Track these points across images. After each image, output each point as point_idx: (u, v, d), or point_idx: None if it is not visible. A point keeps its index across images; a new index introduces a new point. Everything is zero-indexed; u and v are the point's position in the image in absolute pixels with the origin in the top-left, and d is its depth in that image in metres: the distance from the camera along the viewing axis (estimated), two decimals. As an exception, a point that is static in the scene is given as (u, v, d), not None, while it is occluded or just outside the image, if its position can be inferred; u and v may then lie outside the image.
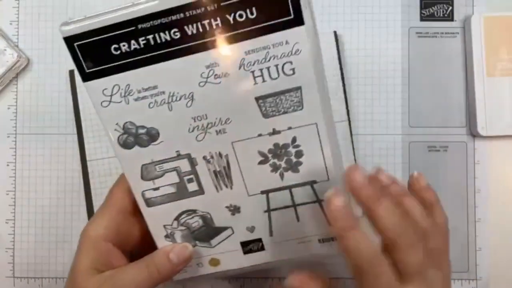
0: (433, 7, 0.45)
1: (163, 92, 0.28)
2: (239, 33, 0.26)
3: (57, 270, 0.44)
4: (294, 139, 0.30)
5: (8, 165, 0.45)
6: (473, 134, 0.44)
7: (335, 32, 0.44)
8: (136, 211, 0.32)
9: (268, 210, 0.32)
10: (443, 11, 0.44)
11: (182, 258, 0.31)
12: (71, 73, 0.44)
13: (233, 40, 0.26)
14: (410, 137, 0.44)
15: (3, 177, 0.45)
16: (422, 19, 0.45)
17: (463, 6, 0.44)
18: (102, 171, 0.44)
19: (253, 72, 0.27)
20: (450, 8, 0.44)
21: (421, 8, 0.45)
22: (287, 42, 0.27)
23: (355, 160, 0.43)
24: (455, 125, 0.44)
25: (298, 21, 0.26)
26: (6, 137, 0.45)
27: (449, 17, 0.44)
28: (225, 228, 0.33)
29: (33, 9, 0.45)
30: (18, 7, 0.45)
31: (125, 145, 0.30)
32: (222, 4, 0.25)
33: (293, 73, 0.27)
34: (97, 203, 0.44)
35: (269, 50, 0.27)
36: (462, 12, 0.44)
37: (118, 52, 0.27)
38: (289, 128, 0.29)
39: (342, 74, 0.43)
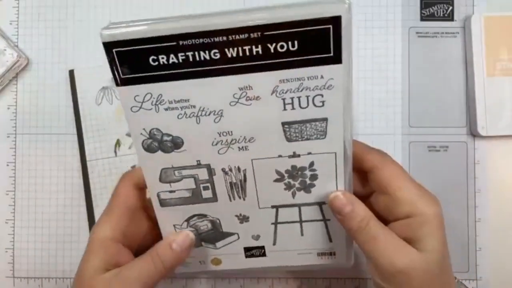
0: (433, 7, 0.45)
1: (194, 106, 0.29)
2: (278, 62, 0.27)
3: (57, 270, 0.44)
4: (311, 163, 0.31)
5: (8, 165, 0.45)
6: (473, 134, 0.44)
7: (335, 32, 0.43)
8: (142, 209, 0.33)
9: (276, 223, 0.33)
10: (443, 11, 0.44)
11: (185, 247, 0.32)
12: (71, 73, 0.44)
13: (271, 68, 0.27)
14: (410, 137, 0.44)
15: (3, 177, 0.45)
16: (422, 19, 0.45)
17: (463, 6, 0.44)
18: (102, 171, 0.44)
19: (284, 99, 0.28)
20: (450, 8, 0.44)
21: (421, 8, 0.45)
22: (322, 77, 0.27)
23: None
24: (455, 125, 0.44)
25: (336, 59, 0.27)
26: (6, 137, 0.45)
27: (449, 17, 0.44)
28: (231, 234, 0.34)
29: (33, 9, 0.45)
30: (18, 7, 0.45)
31: (149, 149, 0.30)
32: (265, 33, 0.26)
33: (323, 105, 0.28)
34: (97, 203, 0.44)
35: (303, 82, 0.27)
36: (462, 12, 0.44)
37: (156, 63, 0.27)
38: (309, 153, 0.30)
39: (342, 74, 0.43)
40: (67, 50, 0.45)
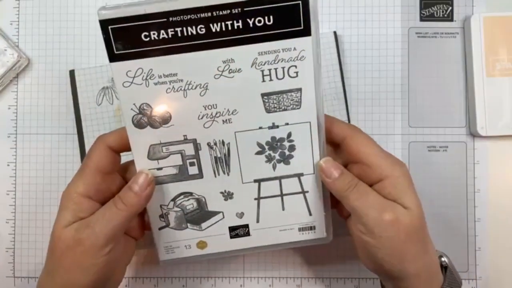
0: (432, 7, 0.45)
1: (181, 80, 0.31)
2: (256, 36, 0.30)
3: (57, 270, 0.44)
4: (289, 134, 0.33)
5: (8, 165, 0.45)
6: (473, 134, 0.44)
7: (335, 32, 0.44)
8: (113, 171, 0.34)
9: (258, 198, 0.35)
10: (442, 11, 0.45)
11: (144, 185, 0.33)
12: (71, 73, 0.44)
13: (250, 41, 0.30)
14: (410, 137, 0.44)
15: (3, 177, 0.45)
16: (422, 19, 0.45)
17: (463, 6, 0.45)
18: (102, 171, 0.44)
19: (262, 71, 0.31)
20: (450, 8, 0.45)
21: (421, 8, 0.45)
22: (294, 49, 0.31)
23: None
24: (455, 125, 0.44)
25: (306, 32, 0.30)
26: (6, 137, 0.45)
27: (449, 17, 0.45)
28: (216, 213, 0.36)
29: (33, 9, 0.45)
30: (18, 7, 0.45)
31: (138, 125, 0.32)
32: (245, 9, 0.29)
33: (296, 76, 0.31)
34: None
35: (279, 54, 0.31)
36: (461, 12, 0.44)
37: (148, 39, 0.30)
38: (286, 124, 0.33)
39: (342, 74, 0.44)
40: (67, 50, 0.45)
